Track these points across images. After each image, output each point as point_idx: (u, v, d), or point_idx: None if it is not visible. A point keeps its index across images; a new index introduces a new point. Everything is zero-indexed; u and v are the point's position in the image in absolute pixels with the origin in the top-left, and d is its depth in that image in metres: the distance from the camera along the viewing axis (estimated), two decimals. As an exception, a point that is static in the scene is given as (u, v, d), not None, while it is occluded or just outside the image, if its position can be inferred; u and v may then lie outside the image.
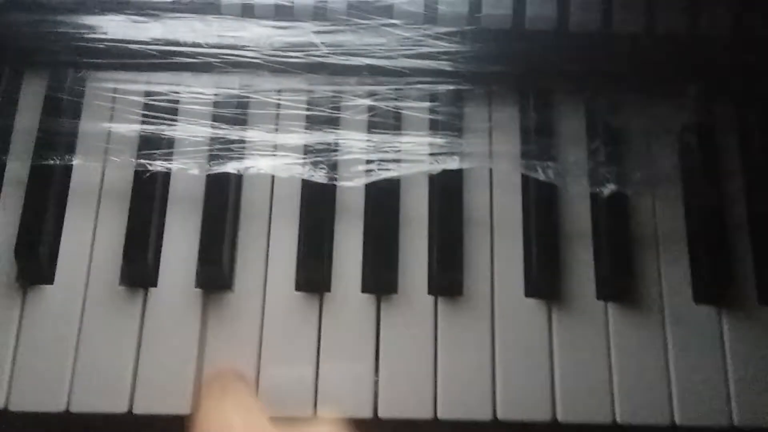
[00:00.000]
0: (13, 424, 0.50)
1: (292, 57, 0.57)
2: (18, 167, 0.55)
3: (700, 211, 0.55)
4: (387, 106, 0.57)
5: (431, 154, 0.56)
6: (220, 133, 0.56)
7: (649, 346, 0.52)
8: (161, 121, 0.56)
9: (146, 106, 0.56)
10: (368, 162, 0.55)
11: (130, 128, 0.56)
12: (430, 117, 0.57)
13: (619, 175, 0.55)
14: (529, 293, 0.53)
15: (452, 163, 0.55)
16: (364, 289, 0.53)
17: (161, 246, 0.54)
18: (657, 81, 0.58)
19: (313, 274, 0.53)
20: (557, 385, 0.51)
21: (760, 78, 0.58)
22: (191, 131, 0.56)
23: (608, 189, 0.55)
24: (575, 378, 0.51)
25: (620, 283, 0.53)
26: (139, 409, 0.50)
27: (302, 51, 0.57)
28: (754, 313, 0.54)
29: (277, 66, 0.57)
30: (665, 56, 0.58)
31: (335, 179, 0.55)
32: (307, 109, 0.57)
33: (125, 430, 0.51)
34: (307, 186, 0.55)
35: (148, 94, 0.57)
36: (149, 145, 0.55)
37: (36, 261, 0.52)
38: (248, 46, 0.57)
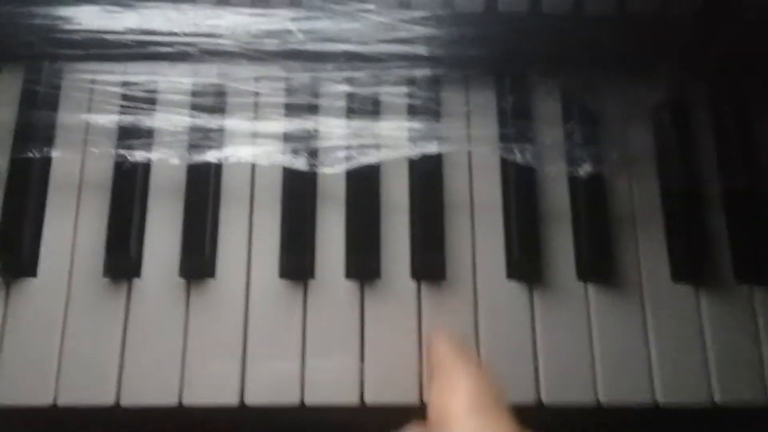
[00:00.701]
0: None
1: (269, 45, 0.57)
2: (-4, 161, 0.55)
3: (675, 189, 0.56)
4: (365, 92, 0.57)
5: (410, 139, 0.56)
6: (199, 122, 0.56)
7: (629, 326, 0.53)
8: (139, 111, 0.56)
9: (124, 97, 0.56)
10: (348, 148, 0.56)
11: (108, 119, 0.55)
12: (408, 102, 0.57)
13: (596, 155, 0.56)
14: (510, 275, 0.54)
15: (431, 148, 0.56)
16: (348, 275, 0.54)
17: (144, 236, 0.54)
18: (631, 61, 0.58)
19: (297, 261, 0.53)
20: (540, 366, 0.52)
21: (732, 55, 0.59)
22: (170, 121, 0.56)
23: (585, 170, 0.55)
24: (558, 360, 0.52)
25: (600, 263, 0.54)
26: (127, 401, 0.50)
27: (279, 38, 0.57)
28: (732, 290, 0.55)
29: (254, 54, 0.57)
30: (638, 36, 0.58)
31: (316, 166, 0.55)
32: (286, 97, 0.57)
33: (113, 422, 0.51)
34: (288, 173, 0.55)
35: (125, 84, 0.56)
36: (128, 135, 0.55)
37: (18, 255, 0.52)
38: (225, 35, 0.57)
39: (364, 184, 0.55)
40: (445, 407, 0.43)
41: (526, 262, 0.54)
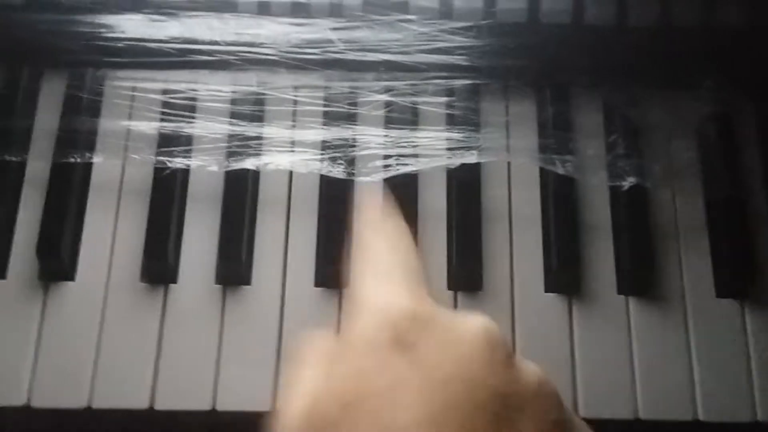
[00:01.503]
0: (34, 421, 0.50)
1: (308, 54, 0.57)
2: (38, 166, 0.55)
3: (720, 203, 0.55)
4: (404, 102, 0.57)
5: (449, 149, 0.56)
6: (238, 129, 0.56)
7: (671, 341, 0.52)
8: (180, 118, 0.56)
9: (165, 104, 0.57)
10: (386, 157, 0.55)
11: (149, 126, 0.56)
12: (447, 112, 0.57)
13: (638, 167, 0.55)
14: (548, 288, 0.53)
15: (470, 158, 0.55)
16: (383, 284, 0.53)
17: (181, 242, 0.54)
18: (675, 73, 0.58)
19: (332, 270, 0.53)
20: (578, 380, 0.51)
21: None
22: (209, 128, 0.56)
23: (628, 182, 0.54)
24: (596, 373, 0.51)
25: (641, 277, 0.53)
26: (161, 405, 0.50)
27: (319, 48, 0.57)
28: (778, 306, 0.53)
29: (293, 63, 0.57)
30: (683, 48, 0.58)
31: (353, 174, 0.55)
32: (324, 106, 0.57)
33: (147, 426, 0.51)
34: (326, 182, 0.55)
35: (166, 92, 0.57)
36: (168, 142, 0.55)
37: (57, 258, 0.53)
38: (265, 44, 0.57)
39: (401, 193, 0.55)
40: (355, 275, 0.41)
41: (564, 274, 0.53)
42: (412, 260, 0.42)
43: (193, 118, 0.56)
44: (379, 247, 0.42)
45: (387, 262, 0.41)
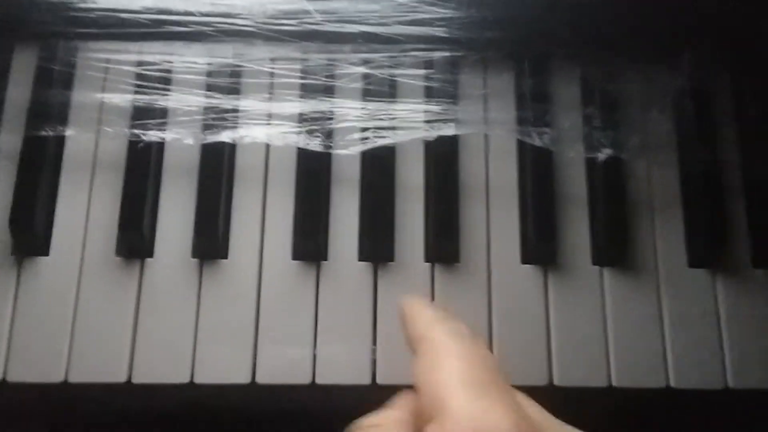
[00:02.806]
0: (11, 395, 0.50)
1: (285, 25, 0.56)
2: (10, 139, 0.55)
3: (695, 175, 0.55)
4: (382, 74, 0.57)
5: (427, 122, 0.56)
6: (214, 102, 0.55)
7: (644, 311, 0.53)
8: (154, 90, 0.55)
9: (139, 76, 0.56)
10: (364, 130, 0.55)
11: (123, 98, 0.55)
12: (425, 84, 0.57)
13: (615, 140, 0.55)
14: (525, 259, 0.54)
15: (448, 130, 0.55)
16: (361, 257, 0.53)
17: (157, 216, 0.53)
18: (653, 46, 0.57)
19: (310, 243, 0.53)
20: (553, 350, 0.51)
21: (755, 42, 0.58)
22: (185, 101, 0.55)
23: (604, 154, 0.54)
24: (571, 343, 0.51)
25: (615, 248, 0.53)
26: (138, 378, 0.50)
27: (296, 18, 0.57)
28: (748, 276, 0.54)
29: (270, 34, 0.56)
30: (661, 21, 0.57)
31: (330, 147, 0.55)
32: (302, 78, 0.57)
33: (124, 399, 0.51)
34: (303, 155, 0.55)
35: (140, 63, 0.56)
36: (143, 115, 0.55)
37: (31, 233, 0.52)
38: (241, 14, 0.56)
39: (379, 166, 0.55)
40: (437, 382, 0.37)
41: (541, 246, 0.53)
42: (494, 363, 0.38)
43: (167, 90, 0.56)
44: (459, 350, 0.38)
45: (473, 368, 0.37)
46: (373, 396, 0.49)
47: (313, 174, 0.54)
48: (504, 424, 0.34)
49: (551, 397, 0.49)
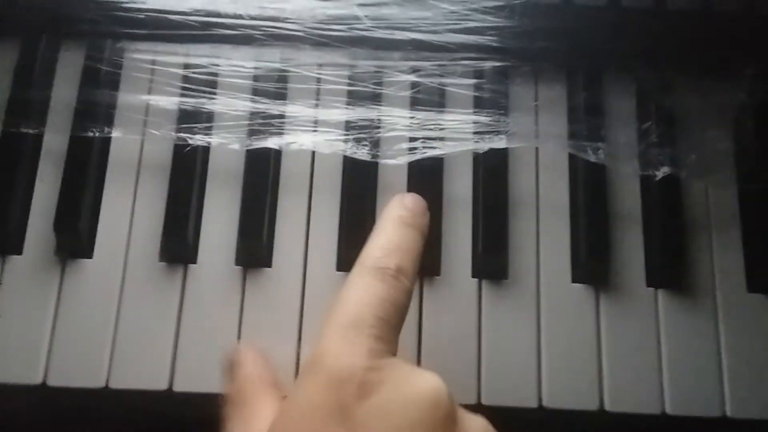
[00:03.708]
0: (51, 399, 0.50)
1: (334, 30, 0.56)
2: (56, 139, 0.54)
3: (754, 196, 0.53)
4: (431, 83, 0.55)
5: (476, 133, 0.54)
6: (261, 107, 0.55)
7: (700, 336, 0.51)
8: (201, 94, 0.55)
9: (185, 79, 0.55)
10: (412, 140, 0.54)
11: (169, 101, 0.54)
12: (475, 94, 0.56)
13: (672, 157, 0.53)
14: (576, 278, 0.52)
15: (498, 143, 0.54)
16: (407, 270, 0.52)
17: (201, 221, 0.53)
18: (713, 59, 0.56)
19: (355, 255, 0.51)
20: (605, 373, 0.50)
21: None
22: (231, 105, 0.55)
23: (662, 172, 0.53)
24: (623, 367, 0.50)
25: (671, 270, 0.52)
26: (179, 386, 0.49)
27: (345, 24, 0.56)
28: (812, 302, 0.52)
29: (319, 39, 0.56)
30: (720, 34, 0.56)
31: (378, 156, 0.54)
32: (349, 84, 0.56)
33: (164, 407, 0.50)
34: (349, 163, 0.54)
35: (187, 66, 0.55)
36: (189, 118, 0.54)
37: (75, 235, 0.52)
38: (290, 19, 0.56)
39: (426, 178, 0.54)
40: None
41: (592, 265, 0.52)
42: (394, 307, 0.41)
43: (214, 94, 0.55)
44: (364, 289, 0.42)
45: (362, 310, 0.40)
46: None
47: (359, 183, 0.53)
48: (354, 367, 0.38)
49: (602, 422, 0.48)
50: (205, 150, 0.54)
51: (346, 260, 0.52)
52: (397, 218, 0.45)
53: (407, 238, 0.45)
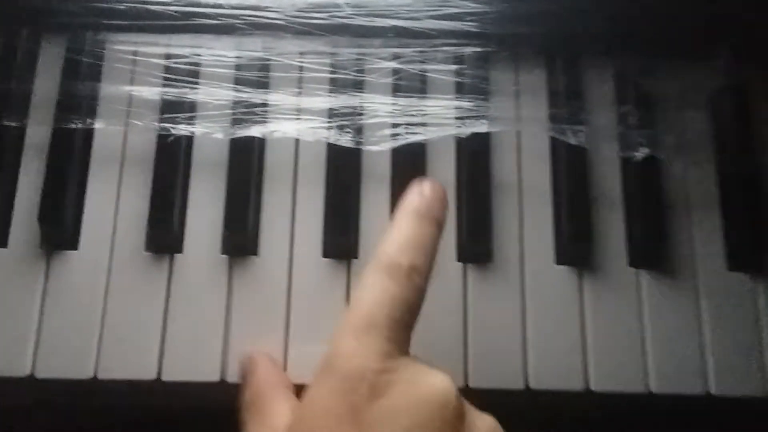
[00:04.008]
0: (39, 391, 0.50)
1: (315, 18, 0.56)
2: (38, 132, 0.54)
3: (733, 176, 0.54)
4: (413, 69, 0.56)
5: (458, 118, 0.55)
6: (243, 96, 0.55)
7: (682, 315, 0.52)
8: (183, 84, 0.55)
9: (167, 69, 0.55)
10: (394, 126, 0.54)
11: (151, 91, 0.54)
12: (457, 80, 0.56)
13: (651, 138, 0.54)
14: (559, 260, 0.53)
15: (480, 127, 0.54)
16: (392, 255, 0.52)
17: (186, 211, 0.53)
18: (689, 42, 0.56)
19: (341, 241, 0.52)
20: (589, 353, 0.50)
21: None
22: (214, 94, 0.55)
23: (641, 153, 0.53)
24: (607, 346, 0.51)
25: (652, 250, 0.52)
26: (168, 375, 0.49)
27: (326, 12, 0.56)
28: (790, 279, 0.53)
29: (300, 28, 0.56)
30: (697, 16, 0.56)
31: (361, 143, 0.54)
32: (331, 72, 0.56)
33: (153, 396, 0.50)
34: (333, 150, 0.54)
35: (169, 56, 0.55)
36: (171, 108, 0.54)
37: (60, 226, 0.52)
38: (271, 7, 0.56)
39: (409, 163, 0.54)
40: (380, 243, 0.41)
41: (575, 247, 0.52)
42: (408, 307, 0.41)
43: (196, 83, 0.55)
44: (378, 289, 0.41)
45: (375, 310, 0.40)
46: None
47: (343, 170, 0.54)
48: (366, 368, 0.39)
49: (587, 402, 0.49)
50: (189, 140, 0.54)
51: (331, 247, 0.52)
52: (413, 211, 0.44)
53: (422, 232, 0.43)
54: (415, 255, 0.42)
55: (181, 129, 0.53)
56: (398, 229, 0.43)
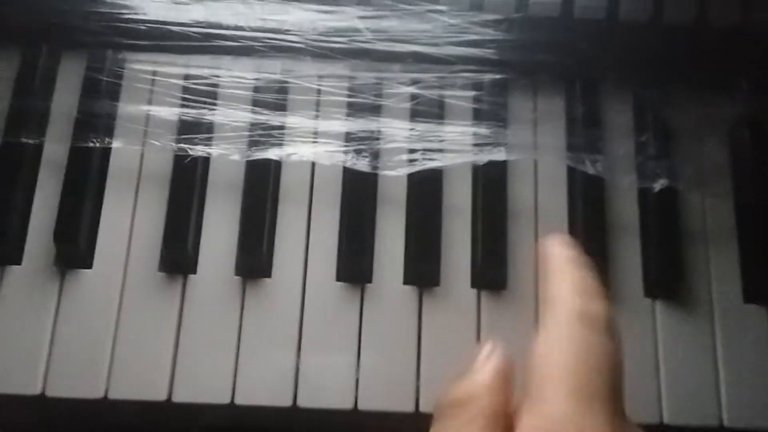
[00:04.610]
0: (50, 410, 0.50)
1: (335, 42, 0.56)
2: (56, 149, 0.54)
3: (751, 208, 0.54)
4: (431, 94, 0.56)
5: (475, 145, 0.55)
6: (261, 118, 0.55)
7: (697, 346, 0.51)
8: (201, 105, 0.55)
9: (186, 90, 0.55)
10: (411, 151, 0.54)
11: (170, 111, 0.55)
12: (475, 106, 0.56)
13: (669, 169, 0.54)
14: (574, 289, 0.52)
15: (497, 155, 0.54)
16: (406, 281, 0.52)
17: (201, 232, 0.53)
18: (708, 73, 0.56)
19: (354, 265, 0.52)
20: (603, 383, 0.50)
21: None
22: (232, 116, 0.55)
23: (659, 184, 0.53)
24: (622, 376, 0.50)
25: (669, 281, 0.52)
26: (178, 397, 0.49)
27: (346, 36, 0.56)
28: (807, 313, 0.53)
29: (319, 51, 0.56)
30: (717, 48, 0.56)
31: (377, 168, 0.54)
32: (349, 96, 0.56)
33: (163, 417, 0.50)
34: (349, 174, 0.54)
35: (188, 77, 0.56)
36: (189, 129, 0.54)
37: (75, 245, 0.52)
38: (291, 31, 0.56)
39: (425, 189, 0.54)
40: (552, 294, 0.37)
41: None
42: (616, 372, 0.37)
43: (215, 104, 0.55)
44: (581, 356, 0.36)
45: (590, 379, 0.35)
46: (414, 424, 0.49)
47: (359, 194, 0.54)
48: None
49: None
50: (206, 161, 0.54)
51: (345, 271, 0.52)
52: (572, 258, 0.41)
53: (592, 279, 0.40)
54: (603, 302, 0.38)
55: (198, 150, 0.54)
56: (569, 276, 0.39)
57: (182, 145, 0.54)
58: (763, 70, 0.56)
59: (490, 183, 0.54)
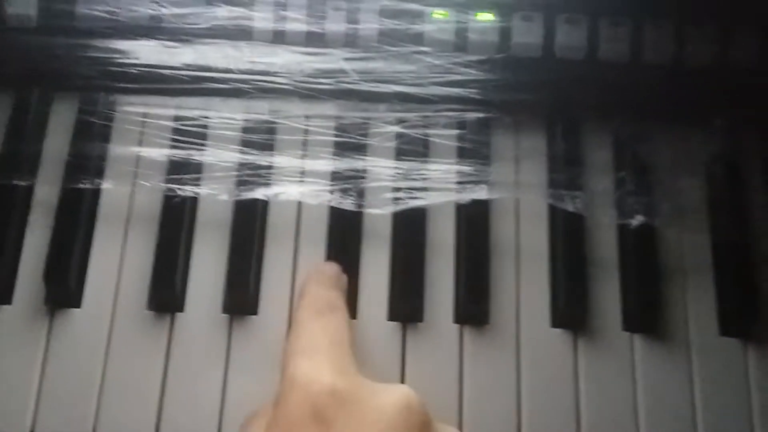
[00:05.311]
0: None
1: (322, 83, 0.57)
2: (47, 191, 0.55)
3: (727, 243, 0.55)
4: (415, 134, 0.57)
5: (459, 183, 0.56)
6: (249, 158, 0.56)
7: (674, 379, 0.52)
8: (190, 145, 0.56)
9: (176, 131, 0.57)
10: (396, 190, 0.55)
11: (159, 152, 0.56)
12: (458, 145, 0.57)
13: (647, 205, 0.55)
14: (555, 323, 0.53)
15: (480, 193, 0.55)
16: (391, 317, 0.53)
17: (189, 271, 0.54)
18: (686, 111, 0.58)
19: (340, 302, 0.53)
20: (582, 416, 0.51)
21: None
22: (220, 156, 0.56)
23: (637, 220, 0.54)
24: (600, 409, 0.51)
25: (647, 315, 0.53)
26: (166, 435, 0.50)
27: (332, 77, 0.57)
28: (781, 347, 0.53)
29: (307, 92, 0.57)
30: (693, 87, 0.58)
31: (363, 206, 0.55)
32: (336, 136, 0.57)
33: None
34: (335, 213, 0.55)
35: (177, 118, 0.57)
36: (178, 169, 0.55)
37: (64, 285, 0.53)
38: (279, 72, 0.57)
39: (410, 227, 0.55)
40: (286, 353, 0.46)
41: (571, 311, 0.53)
42: (340, 333, 0.46)
43: (204, 145, 0.56)
44: (312, 325, 0.46)
45: (315, 338, 0.45)
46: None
47: (344, 233, 0.55)
48: (325, 381, 0.41)
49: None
50: (194, 200, 0.55)
51: (331, 308, 0.53)
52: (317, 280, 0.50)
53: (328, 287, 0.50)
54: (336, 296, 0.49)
55: (187, 190, 0.55)
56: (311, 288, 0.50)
57: (171, 185, 0.55)
58: (738, 108, 0.57)
59: (473, 221, 0.55)
